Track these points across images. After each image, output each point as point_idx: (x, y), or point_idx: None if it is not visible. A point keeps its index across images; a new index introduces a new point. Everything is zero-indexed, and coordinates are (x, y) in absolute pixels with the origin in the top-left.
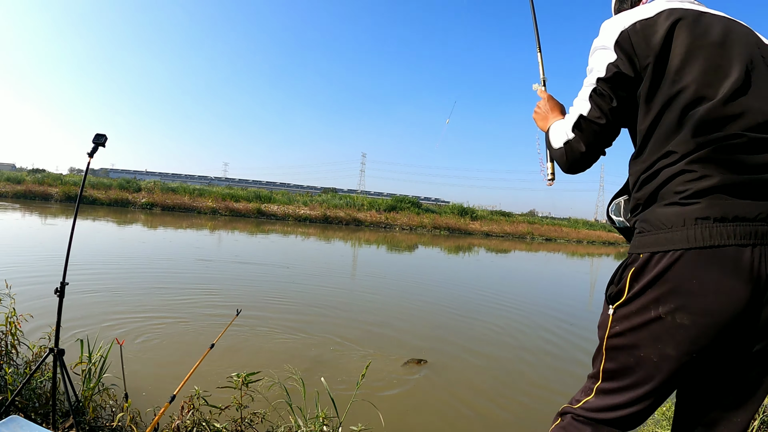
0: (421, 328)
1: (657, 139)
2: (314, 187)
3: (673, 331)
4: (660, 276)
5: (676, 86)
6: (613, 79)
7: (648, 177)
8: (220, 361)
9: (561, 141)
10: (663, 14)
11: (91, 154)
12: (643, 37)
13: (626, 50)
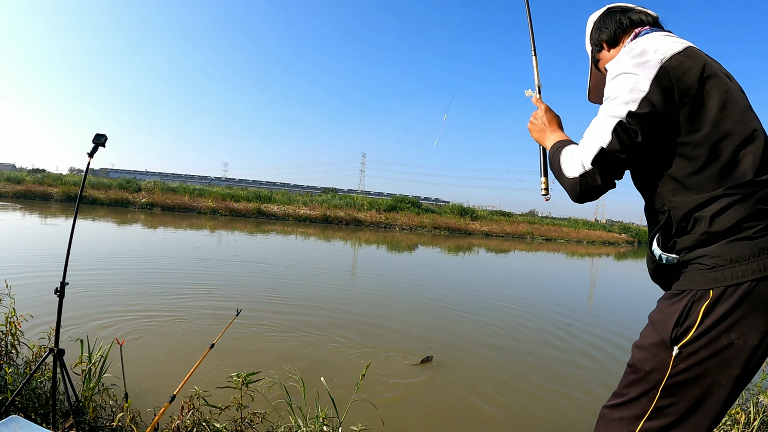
0: (422, 327)
1: (709, 178)
2: (314, 187)
3: (743, 352)
4: (736, 307)
5: (722, 128)
6: (646, 117)
7: (709, 214)
8: (220, 361)
9: (577, 171)
10: (689, 51)
11: (91, 154)
12: (682, 74)
13: (665, 87)
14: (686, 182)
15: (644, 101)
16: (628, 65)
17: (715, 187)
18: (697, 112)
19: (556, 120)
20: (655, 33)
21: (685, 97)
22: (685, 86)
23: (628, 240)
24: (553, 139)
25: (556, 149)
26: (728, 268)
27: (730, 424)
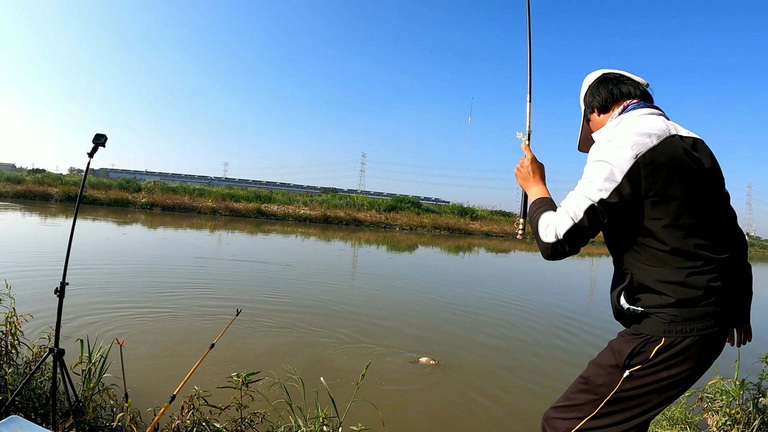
0: (422, 326)
1: (666, 257)
2: (314, 187)
3: (676, 384)
4: (681, 353)
5: (680, 221)
6: (614, 205)
7: (674, 282)
8: (220, 361)
9: (550, 238)
10: (663, 146)
11: (91, 154)
12: (652, 171)
13: (635, 182)
14: (646, 256)
15: (615, 192)
16: (608, 154)
17: (673, 265)
18: (659, 205)
19: (540, 171)
20: (640, 111)
21: (650, 191)
22: (652, 182)
23: None
24: (535, 193)
25: (536, 209)
26: (681, 324)
27: (730, 424)
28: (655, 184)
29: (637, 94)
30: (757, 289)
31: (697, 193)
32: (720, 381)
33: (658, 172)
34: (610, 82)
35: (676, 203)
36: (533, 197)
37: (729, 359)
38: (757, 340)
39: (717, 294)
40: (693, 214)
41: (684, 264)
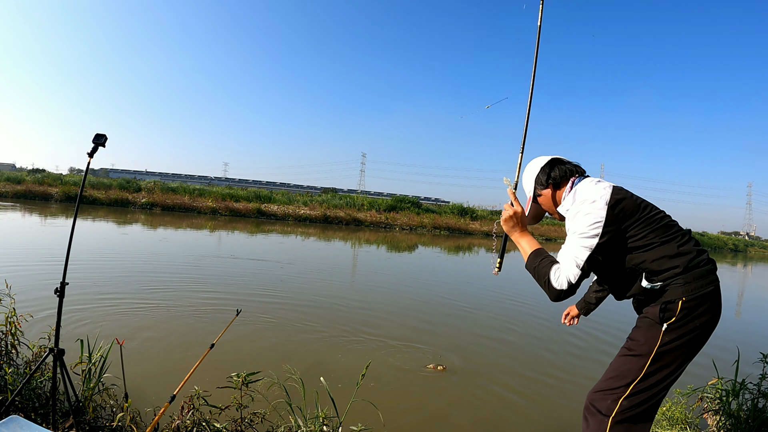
0: (424, 325)
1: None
2: (314, 187)
3: (706, 330)
4: (699, 305)
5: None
6: (606, 242)
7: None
8: (220, 361)
9: (563, 286)
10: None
11: (91, 154)
12: (621, 207)
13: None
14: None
15: (603, 234)
16: (586, 209)
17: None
18: (636, 224)
19: (526, 221)
20: (587, 180)
21: (626, 220)
22: (623, 214)
23: None
24: (529, 244)
25: (540, 261)
26: (693, 282)
27: (730, 424)
28: (625, 214)
29: (579, 171)
30: (758, 289)
31: (647, 206)
32: (720, 381)
33: (624, 206)
34: (558, 164)
35: (645, 216)
36: (528, 248)
37: (729, 359)
38: (757, 340)
39: (705, 255)
40: (658, 218)
41: (674, 245)
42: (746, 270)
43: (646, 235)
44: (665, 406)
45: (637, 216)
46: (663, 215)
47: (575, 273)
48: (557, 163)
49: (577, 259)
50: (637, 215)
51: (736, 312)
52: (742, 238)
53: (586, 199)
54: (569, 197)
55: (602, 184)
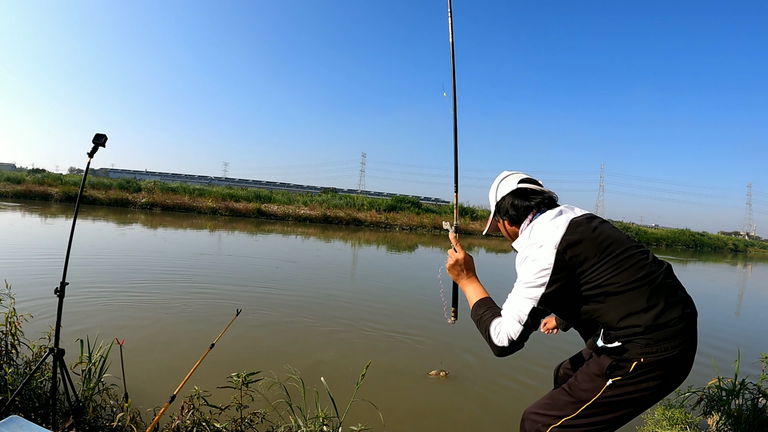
0: (422, 324)
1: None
2: (314, 187)
3: (662, 391)
4: (659, 367)
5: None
6: (554, 292)
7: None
8: (220, 361)
9: (504, 343)
10: (572, 229)
11: (91, 154)
12: (572, 251)
13: (561, 266)
14: (604, 304)
15: (550, 282)
16: (533, 254)
17: (630, 301)
18: (592, 268)
19: (473, 267)
20: (546, 215)
21: (580, 264)
22: (576, 258)
23: None
24: (474, 292)
25: (482, 313)
26: (655, 345)
27: (730, 424)
28: (578, 257)
29: (544, 203)
30: (758, 289)
31: (611, 243)
32: (720, 381)
33: (577, 248)
34: (519, 197)
35: (607, 259)
36: (473, 297)
37: (729, 359)
38: (757, 340)
39: (678, 310)
40: (625, 258)
41: (640, 295)
42: (746, 270)
43: (607, 280)
44: (665, 406)
45: (597, 259)
46: (633, 254)
47: (516, 329)
48: (520, 195)
49: (519, 313)
50: (595, 258)
51: (736, 312)
52: (742, 238)
53: (534, 242)
54: (525, 233)
55: (558, 221)
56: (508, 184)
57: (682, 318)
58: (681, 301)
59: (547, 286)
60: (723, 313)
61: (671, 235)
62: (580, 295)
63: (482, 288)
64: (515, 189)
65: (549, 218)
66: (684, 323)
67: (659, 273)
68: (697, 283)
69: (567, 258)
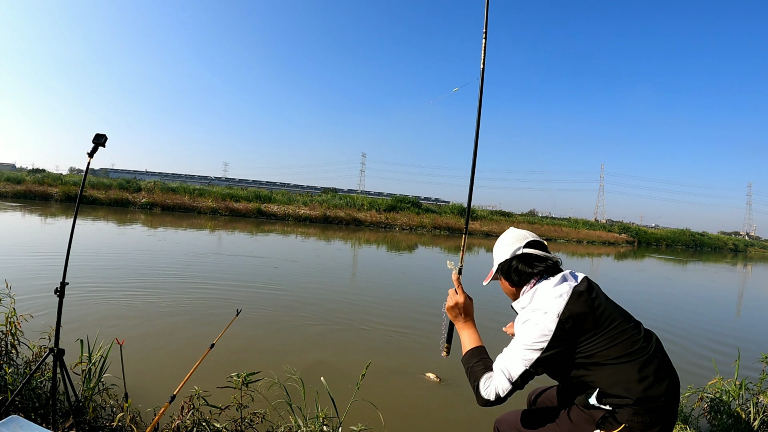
0: (425, 326)
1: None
2: (314, 187)
3: None
4: None
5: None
6: (550, 357)
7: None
8: (220, 361)
9: (491, 397)
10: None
11: (91, 154)
12: (573, 321)
13: (561, 335)
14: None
15: (547, 347)
16: (535, 319)
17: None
18: (591, 339)
19: (471, 311)
20: (550, 282)
21: (579, 334)
22: (577, 327)
23: (628, 240)
24: (468, 338)
25: (474, 363)
26: (642, 416)
27: (730, 424)
28: (578, 328)
29: (548, 269)
30: (758, 290)
31: (608, 317)
32: (720, 381)
33: (578, 319)
34: (524, 263)
35: (605, 331)
36: (467, 344)
37: (729, 359)
38: (757, 340)
39: (664, 385)
40: (621, 332)
41: (633, 368)
42: (746, 270)
43: (602, 351)
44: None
45: (594, 331)
46: (626, 328)
47: (506, 387)
48: (525, 261)
49: (511, 371)
50: (593, 330)
51: (736, 312)
52: (742, 238)
53: (538, 307)
54: (527, 296)
55: (560, 289)
56: (514, 247)
57: (667, 394)
58: (668, 376)
59: (543, 351)
60: (723, 314)
61: (671, 235)
62: (573, 362)
63: (477, 335)
64: (521, 254)
65: (552, 285)
66: (669, 400)
67: (650, 347)
68: (697, 284)
69: (567, 327)
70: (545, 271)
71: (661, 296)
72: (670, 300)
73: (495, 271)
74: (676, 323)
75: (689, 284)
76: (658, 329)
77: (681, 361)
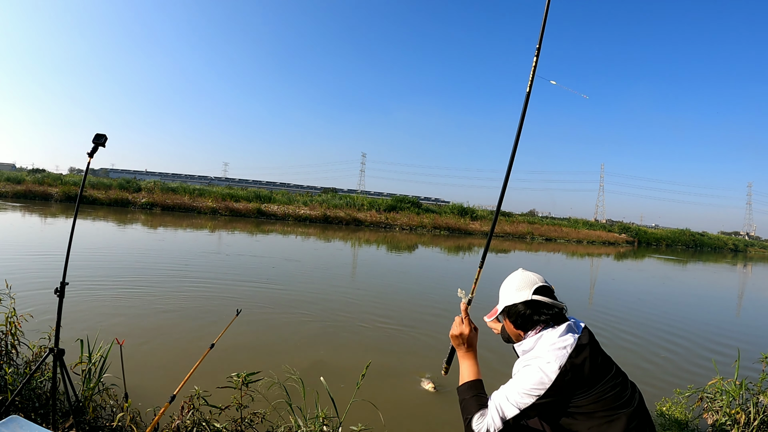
0: (423, 325)
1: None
2: (314, 187)
3: None
4: None
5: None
6: (545, 404)
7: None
8: (220, 361)
9: (476, 430)
10: (577, 351)
11: (91, 154)
12: (573, 374)
13: (559, 386)
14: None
15: (544, 395)
16: (537, 364)
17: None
18: (586, 392)
19: (474, 342)
20: (555, 331)
21: (576, 390)
22: (575, 381)
23: (628, 240)
24: (467, 370)
25: (471, 396)
26: None
27: (730, 424)
28: (578, 380)
29: (554, 318)
30: (758, 290)
31: (603, 371)
32: (720, 381)
33: (579, 373)
34: (531, 309)
35: (597, 392)
36: (465, 375)
37: (729, 359)
38: (757, 341)
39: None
40: (608, 387)
41: (616, 421)
42: (746, 270)
43: (592, 404)
44: (665, 406)
45: (590, 385)
46: (618, 382)
47: (497, 426)
48: (533, 308)
49: (506, 412)
50: (588, 384)
51: (736, 312)
52: (742, 238)
53: (541, 356)
54: (531, 341)
55: (565, 341)
56: (523, 292)
57: None
58: (647, 427)
59: (539, 398)
60: (723, 314)
61: (671, 235)
62: (564, 412)
63: (477, 367)
64: (529, 300)
65: (557, 335)
66: None
67: (634, 402)
68: (697, 284)
69: (567, 379)
70: (551, 318)
71: (661, 296)
72: (670, 300)
73: (500, 311)
74: (676, 323)
75: (689, 284)
76: (659, 329)
77: (681, 361)
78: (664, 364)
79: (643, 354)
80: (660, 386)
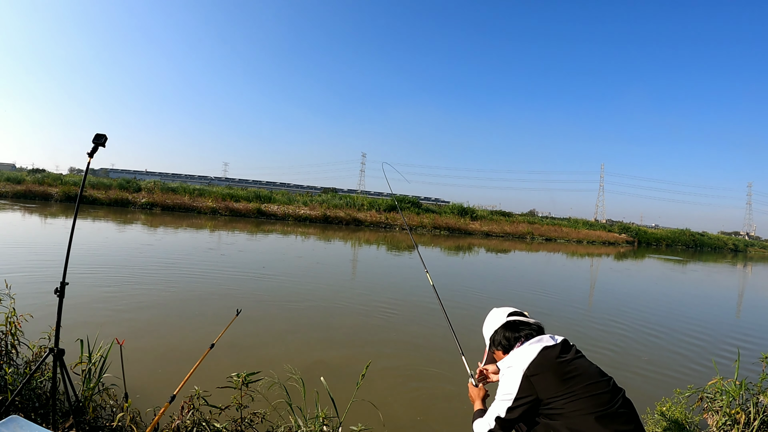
0: (424, 325)
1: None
2: (314, 187)
3: None
4: None
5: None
6: (520, 407)
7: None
8: (220, 361)
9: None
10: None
11: (91, 154)
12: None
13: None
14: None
15: (516, 397)
16: (507, 374)
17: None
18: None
19: (485, 398)
20: (527, 343)
21: (542, 392)
22: (540, 383)
23: (628, 240)
24: (477, 407)
25: (477, 416)
26: None
27: (730, 424)
28: (542, 384)
29: (532, 333)
30: (758, 290)
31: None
32: (720, 381)
33: (541, 375)
34: (509, 329)
35: (570, 390)
36: (475, 407)
37: (729, 359)
38: (757, 341)
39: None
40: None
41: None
42: (746, 270)
43: (569, 407)
44: (665, 407)
45: (561, 388)
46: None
47: (491, 426)
48: (511, 328)
49: (489, 419)
50: (559, 387)
51: (736, 312)
52: (742, 238)
53: (510, 363)
54: (509, 355)
55: (532, 348)
56: (499, 319)
57: None
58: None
59: (514, 401)
60: (723, 314)
61: (671, 235)
62: (543, 414)
63: (484, 408)
64: (505, 322)
65: (528, 344)
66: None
67: (616, 403)
68: (697, 284)
69: (532, 383)
70: (530, 334)
71: (660, 296)
72: (670, 300)
73: (488, 348)
74: (676, 323)
75: (689, 285)
76: (659, 330)
77: (682, 361)
78: (664, 364)
79: (643, 354)
80: (660, 386)
